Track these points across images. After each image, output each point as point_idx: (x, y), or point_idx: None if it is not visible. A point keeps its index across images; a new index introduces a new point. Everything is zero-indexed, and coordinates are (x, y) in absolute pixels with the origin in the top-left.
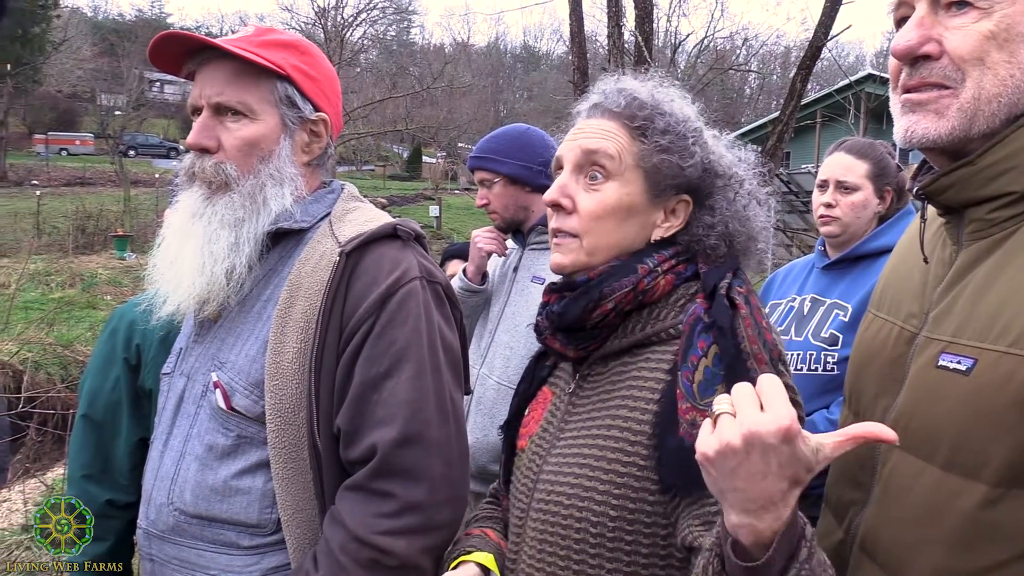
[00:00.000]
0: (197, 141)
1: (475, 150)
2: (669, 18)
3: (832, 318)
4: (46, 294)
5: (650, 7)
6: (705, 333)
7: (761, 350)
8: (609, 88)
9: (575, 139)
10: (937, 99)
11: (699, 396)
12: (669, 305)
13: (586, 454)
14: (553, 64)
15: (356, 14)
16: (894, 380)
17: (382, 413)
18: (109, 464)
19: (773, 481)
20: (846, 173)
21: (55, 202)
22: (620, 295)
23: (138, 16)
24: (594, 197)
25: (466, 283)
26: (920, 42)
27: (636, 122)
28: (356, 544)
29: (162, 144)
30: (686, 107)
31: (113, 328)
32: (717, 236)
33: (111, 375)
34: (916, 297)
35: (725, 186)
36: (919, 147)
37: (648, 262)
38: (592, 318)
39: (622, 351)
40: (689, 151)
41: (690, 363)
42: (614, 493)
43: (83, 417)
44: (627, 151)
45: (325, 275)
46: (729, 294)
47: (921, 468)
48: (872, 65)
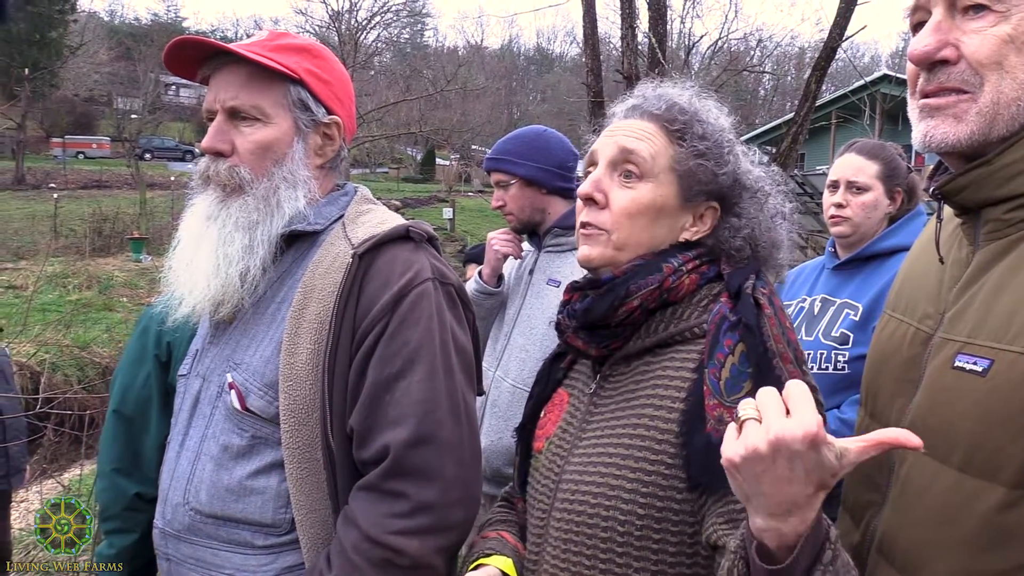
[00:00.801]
0: (211, 145)
1: (491, 151)
2: (683, 20)
3: (843, 318)
4: (63, 296)
5: (664, 9)
6: (731, 331)
7: (786, 349)
8: (649, 92)
9: (612, 136)
10: (956, 104)
11: (726, 393)
12: (692, 305)
13: (611, 453)
14: (566, 66)
15: (370, 17)
16: (910, 381)
17: (394, 413)
18: (138, 458)
19: (799, 486)
20: (857, 173)
21: (72, 205)
22: (646, 292)
23: (154, 20)
24: (628, 194)
25: (482, 285)
26: (937, 47)
27: (675, 125)
28: (369, 544)
29: (178, 147)
30: (722, 118)
31: (144, 326)
32: (743, 239)
33: (142, 372)
34: (932, 298)
35: (752, 198)
36: (937, 151)
37: (673, 261)
38: (617, 315)
39: (645, 350)
40: (724, 159)
41: (716, 360)
42: (641, 492)
43: (114, 412)
44: (664, 153)
45: (338, 277)
46: (754, 294)
47: (938, 470)
48: (887, 66)
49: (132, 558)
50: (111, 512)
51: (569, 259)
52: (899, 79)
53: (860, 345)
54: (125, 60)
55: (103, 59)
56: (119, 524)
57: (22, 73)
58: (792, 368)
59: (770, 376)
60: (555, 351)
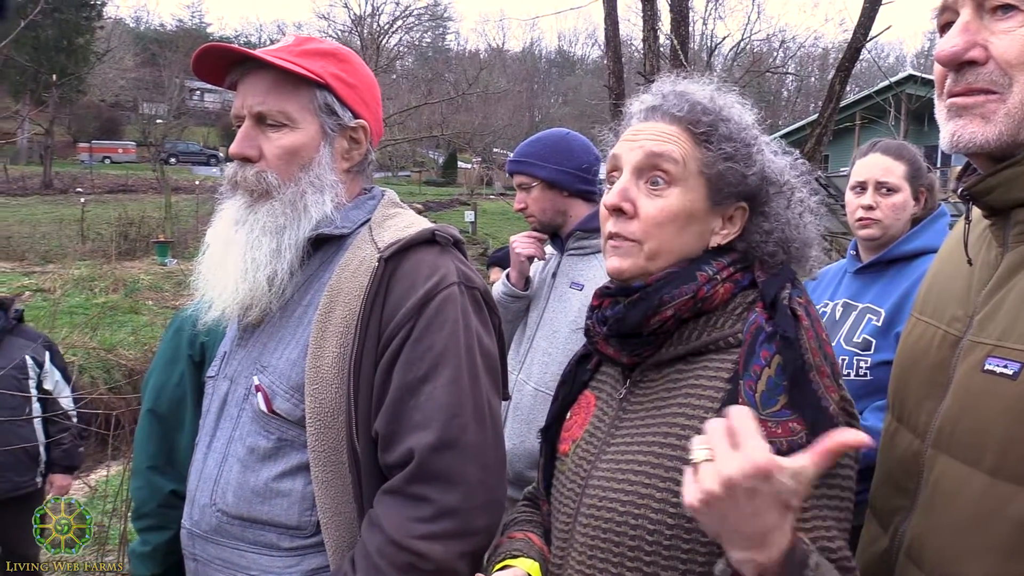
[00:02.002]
0: (239, 150)
1: (514, 154)
2: (705, 21)
3: (865, 323)
4: (90, 299)
5: (686, 10)
6: (768, 343)
7: (823, 363)
8: (667, 90)
9: (635, 140)
10: (984, 103)
11: (761, 406)
12: (727, 313)
13: (641, 461)
14: (588, 69)
15: (392, 21)
16: (938, 385)
17: (419, 417)
18: (173, 456)
19: (764, 516)
20: (886, 174)
21: (99, 209)
22: (680, 302)
23: (179, 26)
24: (656, 203)
25: (509, 288)
26: (965, 47)
27: (700, 128)
28: (393, 548)
29: (202, 151)
30: (746, 113)
31: (177, 327)
32: (775, 243)
33: (176, 371)
34: (960, 300)
35: (778, 193)
36: (965, 152)
37: (707, 269)
38: (650, 324)
39: (677, 358)
40: (752, 159)
41: (752, 373)
42: (671, 501)
43: (149, 412)
44: (691, 157)
45: (364, 280)
46: (790, 304)
47: (968, 474)
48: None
49: (166, 555)
50: (146, 509)
51: (592, 262)
52: (924, 79)
53: (883, 351)
54: (150, 66)
55: (129, 65)
56: (154, 521)
57: (50, 79)
58: (829, 383)
59: (806, 390)
60: (580, 352)
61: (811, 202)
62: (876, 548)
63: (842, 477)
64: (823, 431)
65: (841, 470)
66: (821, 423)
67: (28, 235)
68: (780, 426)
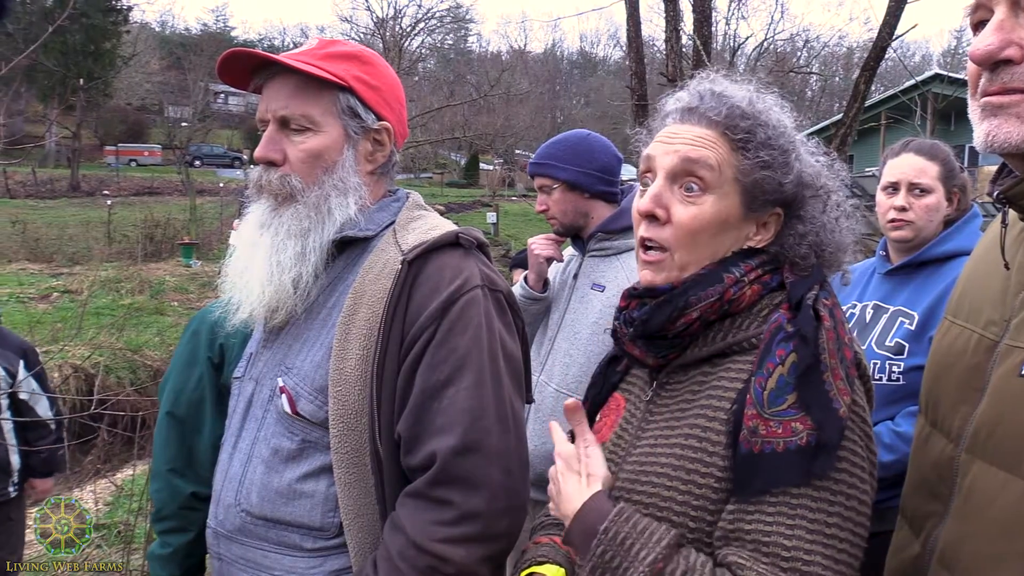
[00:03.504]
0: (264, 155)
1: (535, 156)
2: (728, 21)
3: (897, 326)
4: (116, 300)
5: (708, 11)
6: (785, 342)
7: (838, 365)
8: (704, 90)
9: (671, 143)
10: (1020, 103)
11: (767, 404)
12: (752, 315)
13: (663, 463)
14: (610, 69)
15: (414, 24)
16: (974, 389)
17: (442, 421)
18: (193, 458)
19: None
20: (920, 175)
21: (125, 211)
22: (706, 305)
23: (203, 30)
24: (690, 211)
25: (527, 290)
26: (1001, 46)
27: (737, 133)
28: (415, 551)
29: (226, 154)
30: (784, 117)
31: (195, 330)
32: (808, 246)
33: (194, 374)
34: (996, 304)
35: (815, 196)
36: (1000, 152)
37: (735, 271)
38: (676, 327)
39: (702, 360)
40: (790, 166)
41: (765, 370)
42: (693, 504)
43: (167, 414)
44: (727, 163)
45: (388, 283)
46: (815, 305)
47: (1004, 480)
48: (939, 65)
49: (185, 557)
50: (167, 512)
51: (613, 263)
52: (951, 78)
53: (916, 355)
54: (176, 70)
55: (154, 69)
56: (175, 523)
57: (77, 83)
58: (842, 385)
59: (818, 390)
60: (610, 353)
61: (847, 206)
62: (908, 554)
63: (833, 481)
64: (831, 432)
65: (835, 473)
66: (829, 423)
67: (56, 237)
68: (782, 426)
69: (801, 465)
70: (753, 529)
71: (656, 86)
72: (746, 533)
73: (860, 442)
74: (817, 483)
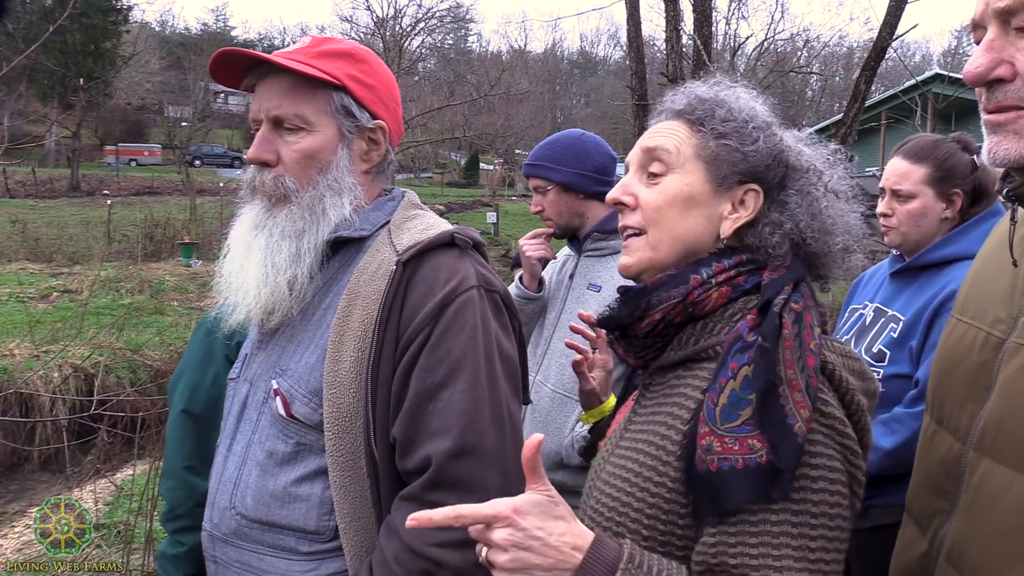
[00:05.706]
0: (257, 155)
1: (529, 157)
2: (728, 21)
3: (886, 332)
4: (116, 300)
5: (709, 10)
6: (741, 353)
7: (796, 376)
8: (676, 92)
9: (640, 143)
10: (1016, 120)
11: (720, 421)
12: (724, 319)
13: (627, 468)
14: (610, 69)
15: (414, 24)
16: (981, 387)
17: (437, 424)
18: (208, 456)
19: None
20: (900, 181)
21: (125, 211)
22: (668, 306)
23: (203, 30)
24: (653, 190)
25: (522, 290)
26: (990, 67)
27: (695, 114)
28: (410, 555)
29: (226, 154)
30: (754, 103)
31: (209, 328)
32: (781, 234)
33: (210, 372)
34: (1004, 302)
35: (800, 179)
36: (1003, 167)
37: (703, 272)
38: (641, 327)
39: (676, 364)
40: (750, 136)
41: (718, 384)
42: (646, 513)
43: (183, 412)
44: (686, 143)
45: (382, 284)
46: (781, 310)
47: (1012, 478)
48: (940, 64)
49: (198, 557)
50: (182, 510)
51: (610, 263)
52: (952, 78)
53: (896, 363)
54: (175, 69)
55: (154, 69)
56: (190, 522)
57: (77, 83)
58: (800, 398)
59: (772, 406)
60: None
61: (840, 186)
62: (914, 551)
63: (812, 503)
64: (786, 451)
65: (812, 495)
66: (784, 442)
67: (56, 237)
68: (738, 442)
69: (764, 485)
70: (739, 563)
71: (656, 86)
72: (732, 568)
73: (837, 454)
74: (795, 507)
